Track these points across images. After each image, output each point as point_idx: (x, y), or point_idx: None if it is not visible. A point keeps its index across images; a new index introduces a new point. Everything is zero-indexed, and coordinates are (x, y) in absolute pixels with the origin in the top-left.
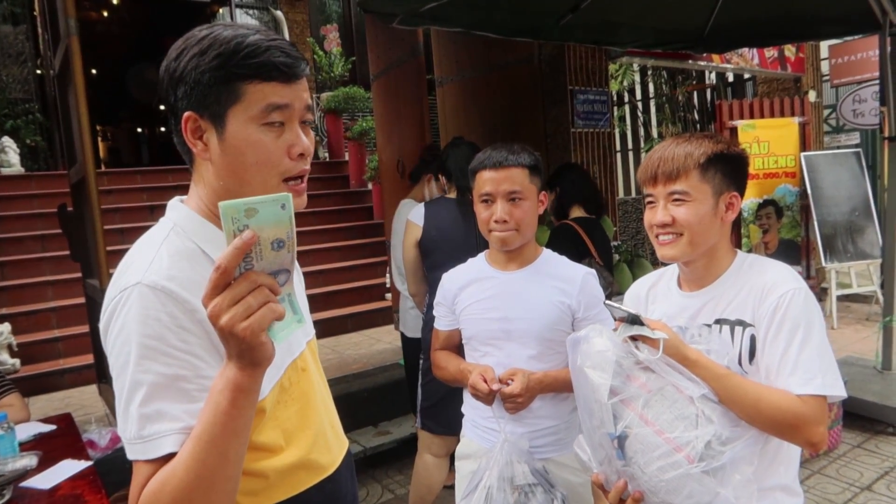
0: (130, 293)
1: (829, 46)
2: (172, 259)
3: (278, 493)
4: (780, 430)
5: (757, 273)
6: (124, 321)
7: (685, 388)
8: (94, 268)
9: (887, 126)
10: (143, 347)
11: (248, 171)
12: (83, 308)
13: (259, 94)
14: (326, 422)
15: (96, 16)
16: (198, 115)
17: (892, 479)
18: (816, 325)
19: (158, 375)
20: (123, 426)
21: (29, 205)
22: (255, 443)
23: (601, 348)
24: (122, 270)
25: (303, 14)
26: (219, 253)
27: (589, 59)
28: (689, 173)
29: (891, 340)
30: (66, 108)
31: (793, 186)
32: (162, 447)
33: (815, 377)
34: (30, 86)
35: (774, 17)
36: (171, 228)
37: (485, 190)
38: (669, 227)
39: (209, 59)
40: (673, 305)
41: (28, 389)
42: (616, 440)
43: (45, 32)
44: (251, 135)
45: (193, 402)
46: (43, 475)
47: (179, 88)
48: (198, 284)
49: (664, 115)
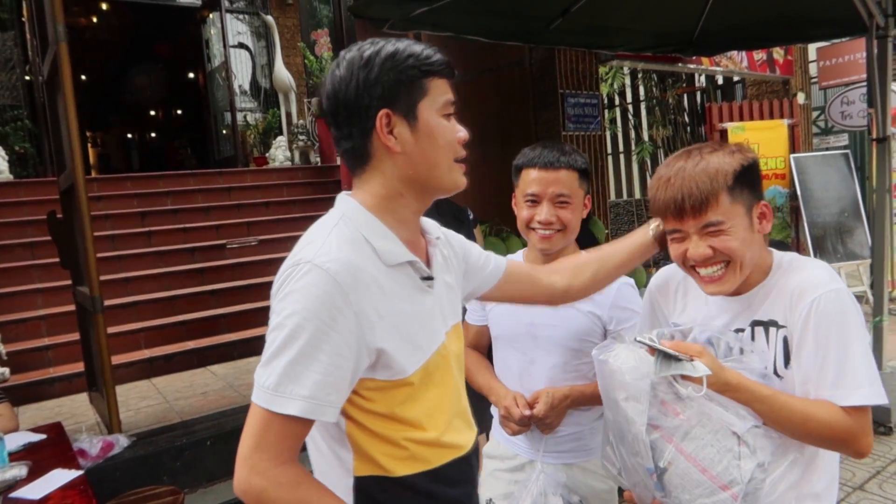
0: (302, 268)
1: (817, 49)
2: (340, 245)
3: (418, 464)
4: (828, 445)
5: (794, 272)
6: (290, 289)
7: (730, 424)
8: (84, 275)
9: (875, 127)
10: (302, 317)
11: (438, 152)
12: (73, 316)
13: (440, 89)
14: (461, 407)
15: (85, 21)
16: (392, 111)
17: (884, 478)
18: (854, 329)
19: (307, 344)
20: (262, 373)
21: (18, 212)
22: (397, 416)
23: (635, 377)
24: (299, 249)
25: (293, 19)
26: (376, 240)
27: (579, 62)
28: (718, 199)
29: (881, 340)
30: (56, 114)
31: (783, 188)
32: (286, 407)
33: (860, 387)
34: (18, 92)
35: (763, 21)
36: (339, 218)
37: (531, 190)
38: (712, 259)
39: (401, 61)
40: (712, 307)
41: (17, 398)
42: (655, 474)
43: (33, 38)
44: (439, 122)
45: (324, 375)
46: (33, 485)
47: (375, 90)
48: (358, 268)
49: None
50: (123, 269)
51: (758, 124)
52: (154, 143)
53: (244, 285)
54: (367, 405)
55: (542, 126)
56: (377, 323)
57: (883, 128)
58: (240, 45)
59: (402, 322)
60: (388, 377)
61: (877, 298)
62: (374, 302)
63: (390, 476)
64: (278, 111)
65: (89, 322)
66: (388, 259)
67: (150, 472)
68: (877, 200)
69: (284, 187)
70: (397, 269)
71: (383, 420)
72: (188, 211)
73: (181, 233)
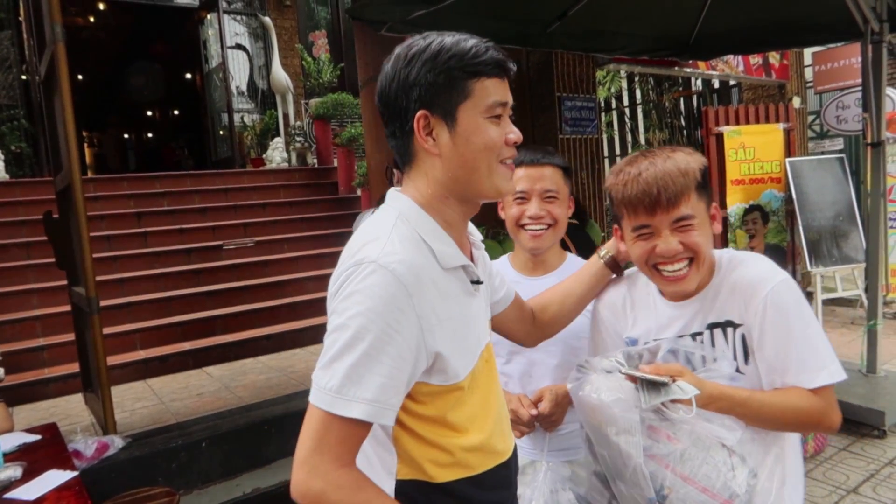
0: (366, 268)
1: (813, 53)
2: (403, 245)
3: (461, 470)
4: (805, 428)
5: (737, 269)
6: (354, 289)
7: (721, 438)
8: (81, 275)
9: (870, 132)
10: (367, 319)
11: (476, 155)
12: (69, 316)
13: (488, 90)
14: (503, 413)
15: (83, 21)
16: (430, 112)
17: (877, 481)
18: (807, 314)
19: (371, 347)
20: (323, 374)
21: (14, 212)
22: (447, 421)
23: (623, 409)
24: (357, 248)
25: (291, 20)
26: (433, 241)
27: (576, 66)
28: (689, 195)
29: (875, 344)
30: (52, 114)
31: (778, 192)
32: (349, 410)
33: (823, 368)
34: (15, 92)
35: (759, 25)
36: (397, 216)
37: (519, 187)
38: (680, 254)
39: (442, 62)
40: (661, 317)
41: (12, 399)
42: (657, 502)
43: (30, 38)
44: (480, 125)
45: (387, 378)
46: (28, 486)
47: (413, 92)
48: (421, 267)
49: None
50: (119, 269)
51: (754, 128)
52: (151, 143)
53: (241, 286)
54: (419, 409)
55: (540, 129)
56: (436, 326)
57: (878, 132)
58: (237, 46)
59: (456, 326)
60: (442, 381)
61: (871, 302)
62: (434, 305)
63: (432, 482)
64: (275, 112)
65: (85, 323)
66: (446, 262)
67: (146, 474)
68: (871, 204)
69: (281, 189)
70: (452, 272)
71: (432, 424)
72: (185, 212)
73: (178, 234)
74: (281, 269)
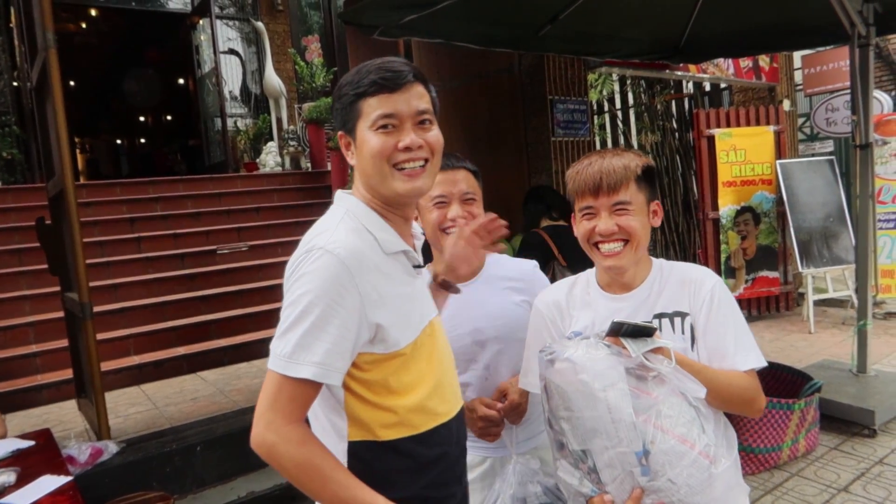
0: (315, 254)
1: (802, 57)
2: (348, 234)
3: (405, 429)
4: (742, 406)
5: (678, 271)
6: (304, 271)
7: (691, 391)
8: (74, 281)
9: (858, 134)
10: (314, 295)
11: (368, 162)
12: (61, 322)
13: (370, 107)
14: (445, 380)
15: (74, 27)
16: (344, 132)
17: (868, 479)
18: (737, 308)
19: (318, 319)
20: (278, 343)
21: (5, 218)
22: (389, 384)
23: (609, 364)
24: (309, 239)
25: (284, 25)
26: (376, 231)
27: (568, 69)
28: (628, 184)
29: (865, 344)
30: (44, 120)
31: (769, 193)
32: (299, 371)
33: (752, 351)
34: (6, 98)
35: (748, 29)
36: (345, 212)
37: (437, 192)
38: (616, 234)
39: (342, 91)
40: (602, 309)
41: (5, 406)
42: (643, 457)
43: (21, 44)
44: (367, 137)
45: (332, 345)
46: (21, 492)
47: (336, 117)
48: (363, 252)
49: (643, 124)
50: (113, 275)
51: (744, 130)
52: (143, 148)
53: (235, 291)
54: (364, 376)
55: (532, 131)
56: (378, 302)
57: (865, 134)
58: (230, 51)
59: (398, 302)
60: (384, 350)
61: (861, 303)
62: (375, 283)
63: (379, 440)
64: (269, 117)
65: (78, 328)
66: (387, 247)
67: (140, 479)
68: (860, 206)
69: (275, 193)
70: (394, 256)
71: (377, 388)
72: (178, 217)
73: (171, 238)
74: (275, 273)
